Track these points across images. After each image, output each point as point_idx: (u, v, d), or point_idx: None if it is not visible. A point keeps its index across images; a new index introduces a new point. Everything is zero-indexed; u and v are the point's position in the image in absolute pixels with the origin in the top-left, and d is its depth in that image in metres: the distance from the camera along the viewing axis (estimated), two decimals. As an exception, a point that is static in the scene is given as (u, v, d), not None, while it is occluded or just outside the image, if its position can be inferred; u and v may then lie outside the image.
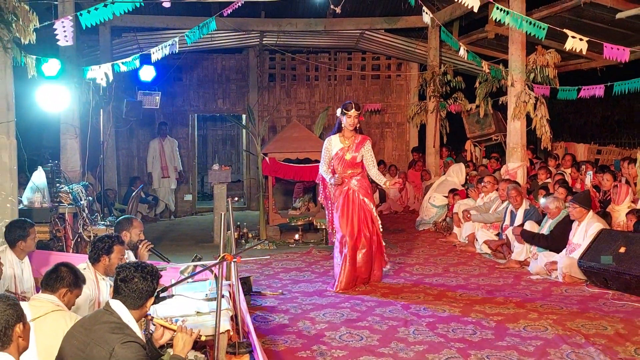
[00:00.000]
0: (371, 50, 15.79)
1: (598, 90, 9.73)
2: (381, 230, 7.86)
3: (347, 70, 16.04)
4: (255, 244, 8.44)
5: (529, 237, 8.51)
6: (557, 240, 8.18)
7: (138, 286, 3.79)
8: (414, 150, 15.81)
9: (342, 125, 7.68)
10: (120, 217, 6.34)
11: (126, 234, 6.00)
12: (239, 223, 10.86)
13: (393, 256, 9.52)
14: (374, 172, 7.82)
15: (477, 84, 11.92)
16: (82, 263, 5.11)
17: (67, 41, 7.01)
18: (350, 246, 7.56)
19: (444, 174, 13.12)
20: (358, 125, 7.70)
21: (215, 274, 5.24)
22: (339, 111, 7.69)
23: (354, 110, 7.56)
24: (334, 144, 7.74)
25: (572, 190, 9.35)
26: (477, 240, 9.86)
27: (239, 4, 8.18)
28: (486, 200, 10.27)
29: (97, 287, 5.10)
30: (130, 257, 5.79)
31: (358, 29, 14.15)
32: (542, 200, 9.55)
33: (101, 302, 5.03)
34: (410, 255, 9.70)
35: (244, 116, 15.54)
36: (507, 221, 9.29)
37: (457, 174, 12.15)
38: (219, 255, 4.58)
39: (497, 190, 10.09)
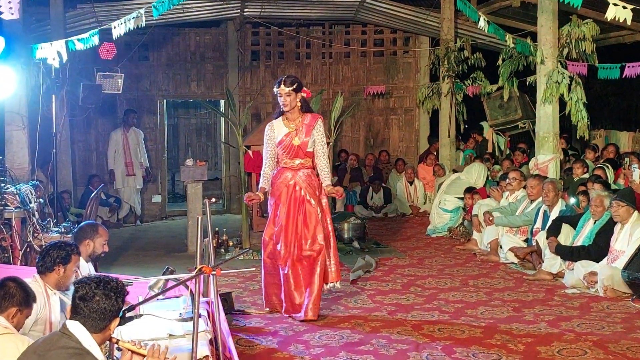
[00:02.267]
0: (373, 22, 15.79)
1: (644, 68, 9.76)
2: (321, 242, 7.28)
3: (345, 47, 16.03)
4: (237, 254, 8.45)
5: (566, 253, 8.45)
6: (604, 252, 8.12)
7: (100, 305, 3.78)
8: (431, 140, 15.80)
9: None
10: (84, 223, 6.34)
11: (89, 243, 6.00)
12: (217, 229, 10.85)
13: (401, 267, 9.56)
14: (323, 164, 7.48)
15: (499, 62, 11.93)
16: (30, 277, 5.10)
17: (12, 14, 6.99)
18: (272, 253, 7.39)
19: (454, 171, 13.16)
20: (297, 105, 7.38)
21: (190, 289, 5.24)
22: (275, 89, 7.43)
23: (282, 86, 7.26)
24: (277, 129, 7.45)
25: (610, 187, 9.37)
26: (501, 247, 9.87)
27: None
28: (512, 200, 10.29)
29: (48, 303, 5.08)
30: (91, 270, 5.79)
31: (358, -3, 14.16)
32: (572, 200, 9.58)
33: (53, 322, 5.02)
34: (421, 265, 9.71)
35: (222, 102, 15.52)
36: (539, 223, 9.30)
37: (477, 175, 12.12)
38: (195, 268, 4.58)
39: (524, 188, 10.10)
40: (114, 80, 12.80)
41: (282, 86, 7.28)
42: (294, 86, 7.29)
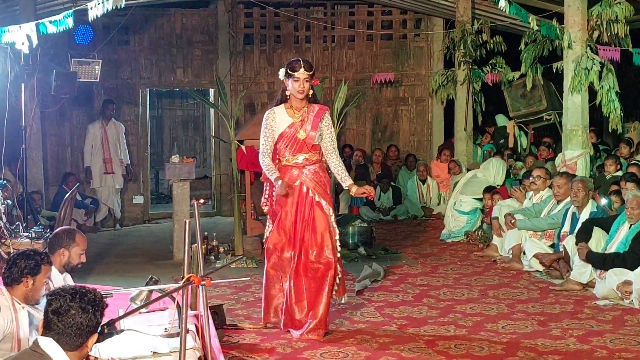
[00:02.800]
0: (381, 2, 15.79)
1: (685, 53, 9.75)
2: (339, 249, 7.27)
3: (349, 29, 16.01)
4: (229, 261, 8.43)
5: (598, 261, 8.40)
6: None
7: (76, 320, 3.76)
8: (446, 134, 15.77)
9: (288, 93, 7.22)
10: (59, 229, 6.33)
11: (64, 252, 5.99)
12: (206, 233, 10.85)
13: (413, 276, 9.54)
14: (336, 162, 7.35)
15: (522, 46, 11.92)
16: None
17: (-25, -8, 6.98)
18: (277, 265, 7.21)
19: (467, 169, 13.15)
20: (311, 93, 7.24)
21: (177, 302, 5.23)
22: (281, 73, 7.21)
23: (303, 70, 7.04)
24: (279, 118, 7.23)
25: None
26: (524, 253, 9.86)
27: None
28: (536, 200, 10.28)
29: (15, 318, 5.06)
30: (67, 282, 5.77)
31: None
32: (603, 200, 9.57)
33: (21, 339, 5.01)
34: (435, 274, 9.70)
35: (211, 91, 15.50)
36: (567, 227, 9.28)
37: (495, 172, 12.11)
38: (182, 277, 4.57)
39: (550, 187, 10.09)
40: (91, 67, 12.78)
41: (303, 70, 7.04)
42: (312, 71, 7.16)
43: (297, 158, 7.24)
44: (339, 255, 7.26)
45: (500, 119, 15.10)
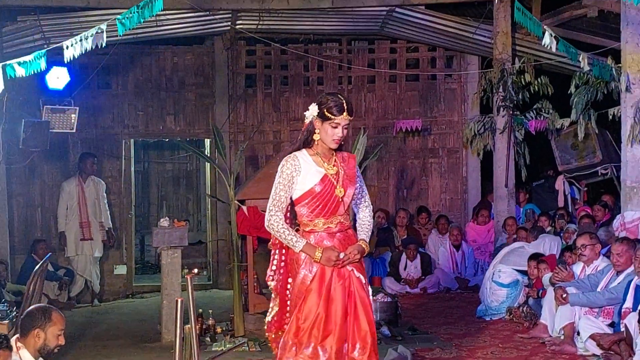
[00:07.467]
0: (405, 37, 15.90)
1: None
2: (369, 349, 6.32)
3: (368, 69, 16.09)
4: (230, 347, 8.32)
5: None
6: None
7: None
8: (484, 191, 15.77)
9: (317, 138, 6.46)
10: (33, 307, 6.33)
11: (39, 334, 5.99)
12: (201, 310, 10.80)
13: (446, 361, 9.51)
14: (368, 218, 6.70)
15: (572, 89, 11.94)
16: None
17: None
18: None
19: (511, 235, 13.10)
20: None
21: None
22: (312, 110, 6.43)
23: (346, 114, 6.33)
24: (305, 168, 6.43)
25: None
26: (578, 334, 9.80)
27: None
28: (590, 271, 10.23)
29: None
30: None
31: (384, 5, 14.24)
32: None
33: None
34: (473, 359, 9.64)
35: (207, 142, 15.58)
36: (629, 302, 9.21)
37: (549, 250, 12.04)
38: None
39: (605, 256, 10.04)
40: (66, 116, 12.83)
41: (346, 114, 6.33)
42: (353, 116, 6.46)
43: (330, 222, 6.46)
44: None
45: None
